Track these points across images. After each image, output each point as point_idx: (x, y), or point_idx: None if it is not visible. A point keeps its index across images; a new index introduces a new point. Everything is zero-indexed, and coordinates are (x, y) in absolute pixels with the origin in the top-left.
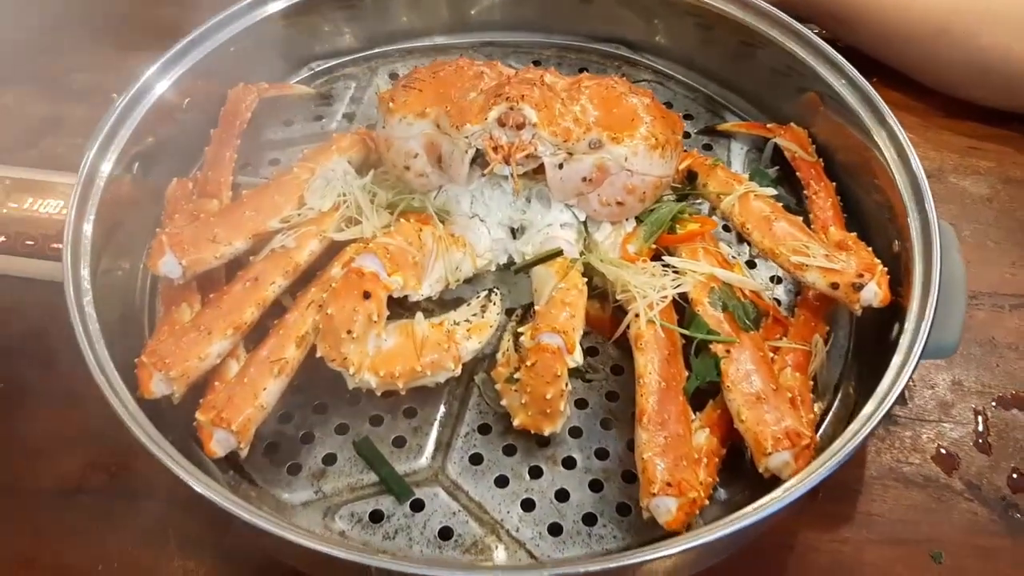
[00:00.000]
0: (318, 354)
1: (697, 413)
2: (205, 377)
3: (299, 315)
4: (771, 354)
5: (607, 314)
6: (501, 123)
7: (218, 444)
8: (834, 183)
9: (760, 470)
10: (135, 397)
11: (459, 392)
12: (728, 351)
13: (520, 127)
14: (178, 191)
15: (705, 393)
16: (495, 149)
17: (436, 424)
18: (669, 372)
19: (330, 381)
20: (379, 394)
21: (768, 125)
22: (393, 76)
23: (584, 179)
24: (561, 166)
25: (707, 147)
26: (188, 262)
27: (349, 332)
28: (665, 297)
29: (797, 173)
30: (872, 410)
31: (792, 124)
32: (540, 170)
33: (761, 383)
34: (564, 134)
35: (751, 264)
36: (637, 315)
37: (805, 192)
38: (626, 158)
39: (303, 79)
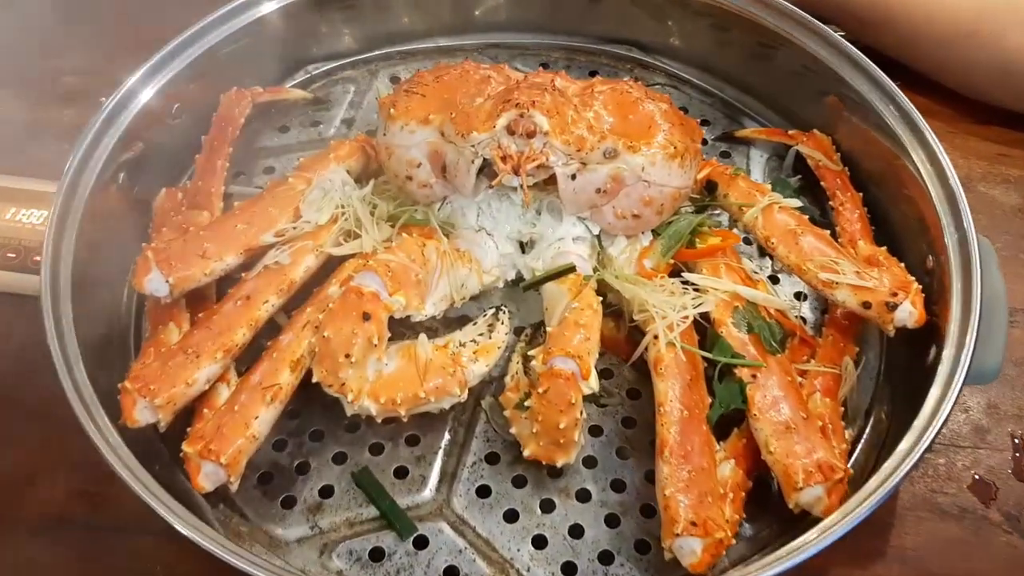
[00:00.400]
0: (314, 379)
1: (721, 443)
2: (193, 404)
3: (294, 337)
4: (799, 378)
5: (622, 334)
6: (510, 131)
7: (207, 478)
8: (860, 193)
9: (790, 505)
10: (118, 425)
11: (465, 418)
12: (754, 376)
13: (531, 135)
14: (167, 202)
15: (727, 419)
16: (504, 159)
17: (440, 453)
18: (691, 399)
19: (327, 407)
20: (379, 421)
21: (789, 131)
22: (394, 79)
23: (598, 190)
24: (574, 177)
25: (725, 154)
26: (175, 279)
27: (347, 356)
28: (686, 317)
29: (822, 183)
30: (911, 445)
31: (815, 130)
32: (551, 181)
33: (790, 411)
34: (577, 143)
35: (774, 279)
36: (656, 337)
37: (830, 203)
38: (643, 168)
39: (299, 83)
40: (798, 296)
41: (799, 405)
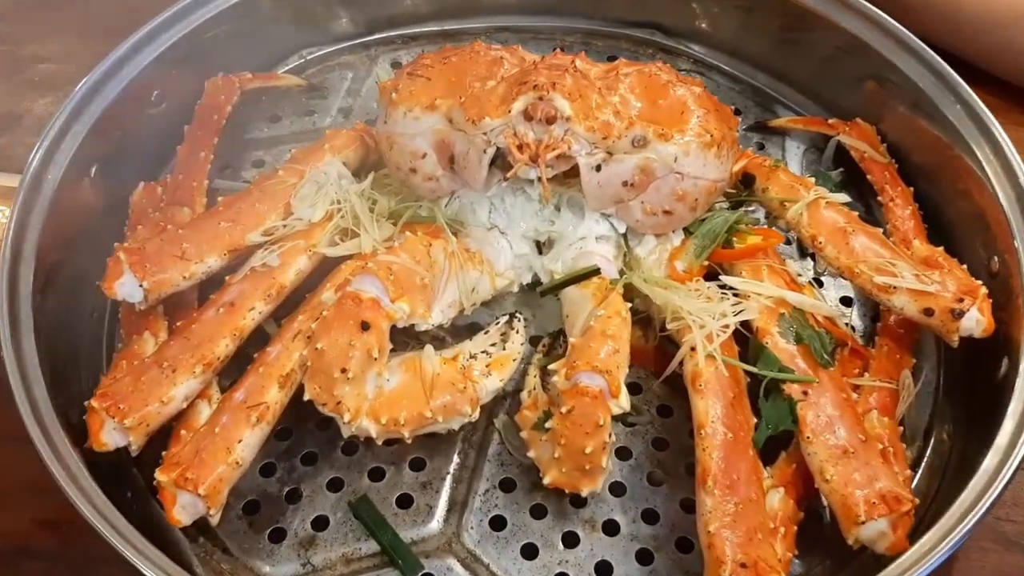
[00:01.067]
0: (306, 396)
1: (767, 468)
2: (170, 424)
3: (283, 349)
4: (852, 394)
5: (651, 344)
6: (528, 116)
7: (183, 510)
8: (911, 188)
9: (848, 540)
10: (83, 449)
11: (476, 439)
12: (805, 392)
13: (551, 121)
14: (145, 198)
15: (772, 441)
16: (520, 148)
17: (449, 479)
18: (735, 420)
19: (322, 426)
20: (380, 443)
21: (829, 120)
22: (395, 65)
23: (625, 183)
24: (599, 168)
25: (759, 146)
26: (151, 284)
27: (344, 371)
28: (726, 326)
29: (868, 176)
30: (996, 467)
31: (858, 119)
32: (573, 173)
33: (847, 432)
34: (603, 129)
35: (817, 283)
36: (693, 349)
37: (879, 198)
38: (676, 158)
39: (292, 69)
40: (845, 302)
41: (856, 426)
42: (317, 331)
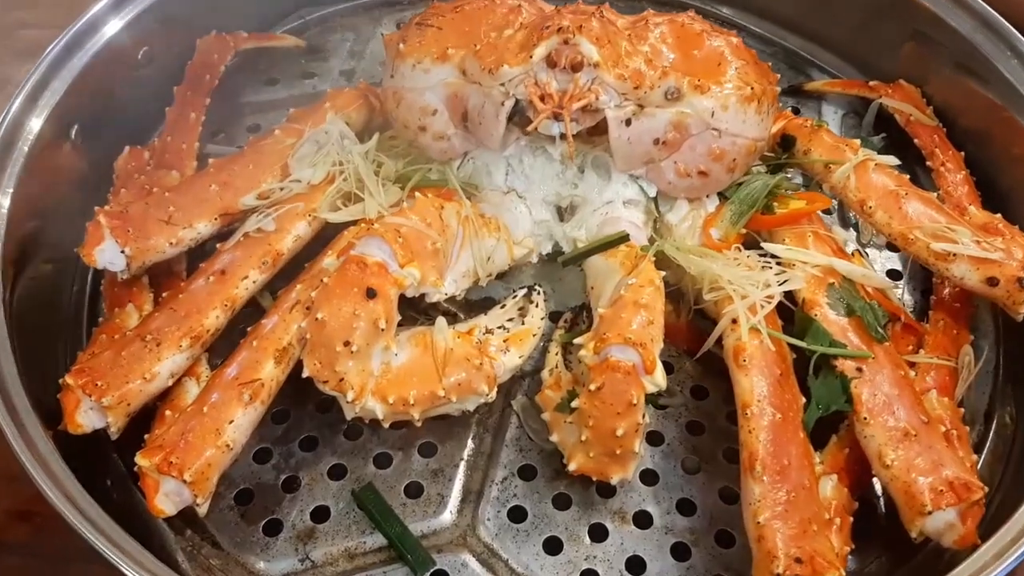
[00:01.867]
0: (304, 373)
1: (817, 452)
2: (153, 404)
3: (279, 320)
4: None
5: (682, 319)
6: (551, 63)
7: (167, 499)
8: (961, 152)
9: (912, 533)
10: (56, 431)
11: (493, 422)
12: (859, 369)
13: (576, 68)
14: (131, 162)
15: (820, 423)
16: (542, 98)
17: (463, 466)
18: (783, 399)
19: (322, 408)
20: (387, 426)
21: (870, 83)
22: (401, 26)
23: (657, 141)
24: (628, 123)
25: (794, 111)
26: (134, 250)
27: (347, 344)
28: (771, 297)
29: (915, 141)
30: None
31: (901, 81)
32: (598, 130)
33: (907, 413)
34: (634, 78)
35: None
36: (735, 321)
37: (928, 164)
38: (713, 113)
39: (291, 29)
40: (892, 275)
41: (917, 405)
42: (317, 299)
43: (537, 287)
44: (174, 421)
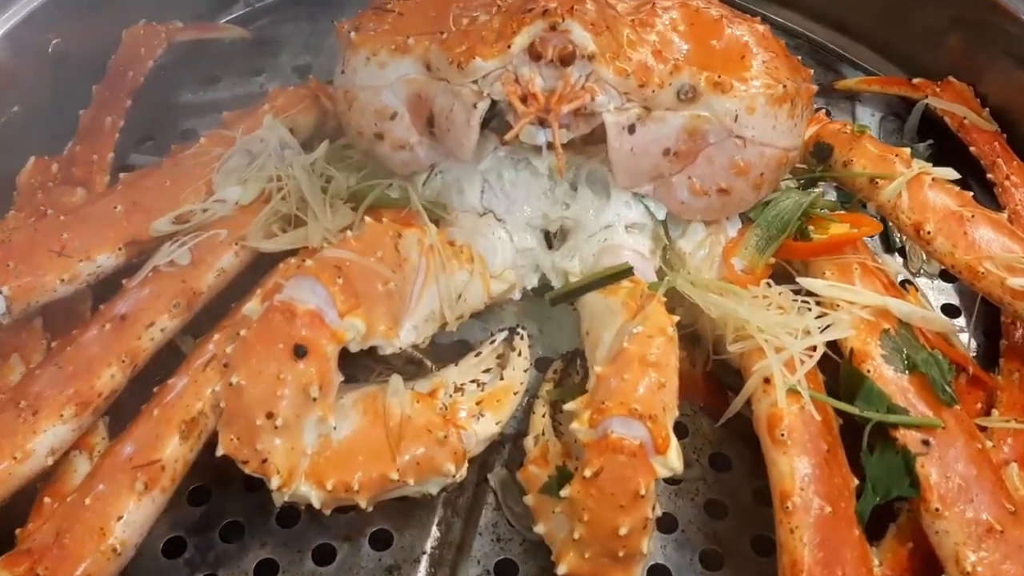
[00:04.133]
0: (219, 451)
1: (872, 546)
2: (32, 485)
3: (190, 382)
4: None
5: (699, 370)
6: (535, 55)
7: None
8: None
9: None
10: None
11: (463, 503)
12: (926, 442)
13: (566, 61)
14: (35, 176)
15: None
16: (524, 100)
17: (425, 561)
18: (832, 484)
19: (250, 486)
20: (327, 513)
21: (914, 80)
22: None
23: (667, 152)
24: (632, 129)
25: (825, 114)
26: (14, 289)
27: (270, 416)
28: (812, 349)
29: (971, 149)
30: None
31: (951, 78)
32: (594, 138)
33: (989, 501)
34: (639, 74)
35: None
36: (767, 381)
37: (990, 176)
38: (736, 117)
39: (237, 19)
40: (947, 311)
41: (1000, 490)
42: (234, 358)
43: (520, 329)
44: (52, 516)
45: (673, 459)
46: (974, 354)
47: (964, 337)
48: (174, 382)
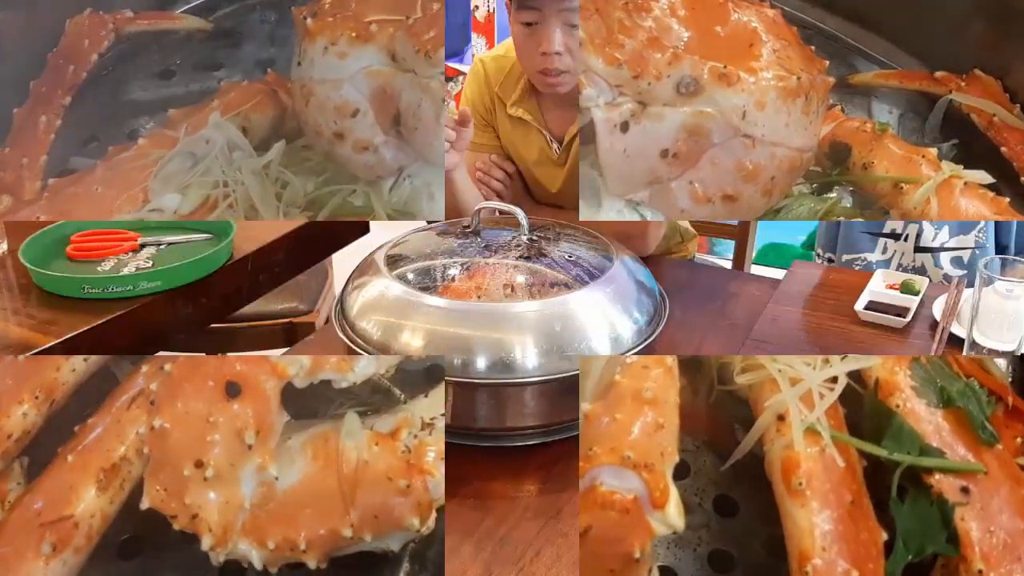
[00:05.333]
0: (144, 503)
1: None
2: None
3: (112, 422)
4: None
5: (701, 401)
6: None
7: None
8: None
9: None
10: None
11: (433, 555)
12: (966, 490)
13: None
14: None
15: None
16: None
17: None
18: (858, 540)
19: (189, 538)
20: (273, 572)
21: (936, 74)
22: None
23: (665, 153)
24: (625, 127)
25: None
26: None
27: (199, 466)
28: (834, 380)
29: (1001, 149)
30: None
31: (976, 71)
32: (582, 138)
33: None
34: (633, 64)
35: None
36: (781, 418)
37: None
38: (744, 113)
39: (194, 7)
40: None
41: None
42: (159, 397)
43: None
44: None
45: (673, 515)
46: (1009, 378)
47: (1001, 362)
48: (94, 422)
